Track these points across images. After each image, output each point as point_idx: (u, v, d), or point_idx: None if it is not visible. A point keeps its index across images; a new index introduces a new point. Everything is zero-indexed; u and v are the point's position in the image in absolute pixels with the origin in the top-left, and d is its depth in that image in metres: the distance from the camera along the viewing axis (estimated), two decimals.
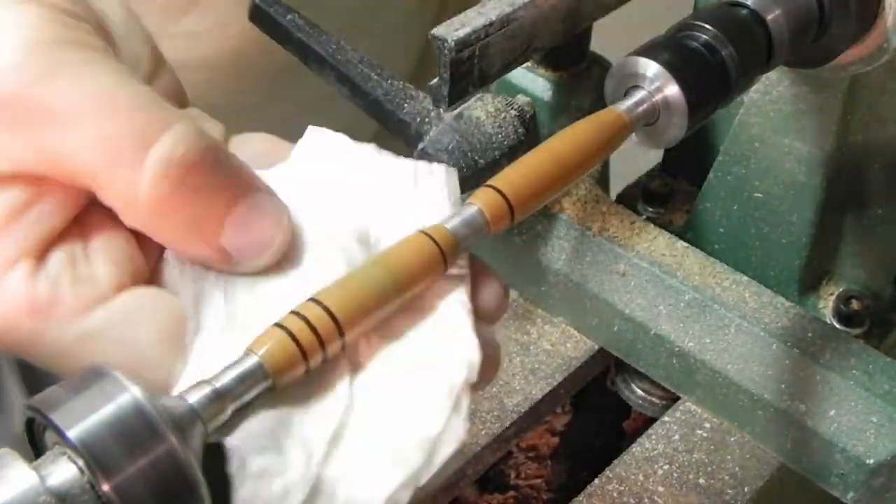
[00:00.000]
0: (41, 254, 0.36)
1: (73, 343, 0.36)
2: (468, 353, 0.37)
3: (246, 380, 0.34)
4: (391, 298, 0.37)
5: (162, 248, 0.38)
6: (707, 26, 0.45)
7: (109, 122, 0.35)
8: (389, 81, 0.59)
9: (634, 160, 0.72)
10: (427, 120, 0.58)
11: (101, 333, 0.36)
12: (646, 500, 0.60)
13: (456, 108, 0.57)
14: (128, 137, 0.35)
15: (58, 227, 0.36)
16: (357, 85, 0.59)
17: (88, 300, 0.36)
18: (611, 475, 0.61)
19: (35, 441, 0.34)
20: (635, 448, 0.62)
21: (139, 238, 0.38)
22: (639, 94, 0.44)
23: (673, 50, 0.45)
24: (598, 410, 0.75)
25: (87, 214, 0.37)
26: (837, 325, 0.65)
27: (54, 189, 0.36)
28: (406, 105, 0.58)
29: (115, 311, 0.36)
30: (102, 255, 0.37)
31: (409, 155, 0.57)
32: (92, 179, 0.36)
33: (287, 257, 0.38)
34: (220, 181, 0.37)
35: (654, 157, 0.74)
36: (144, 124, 0.35)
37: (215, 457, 0.35)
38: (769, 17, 0.47)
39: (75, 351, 0.36)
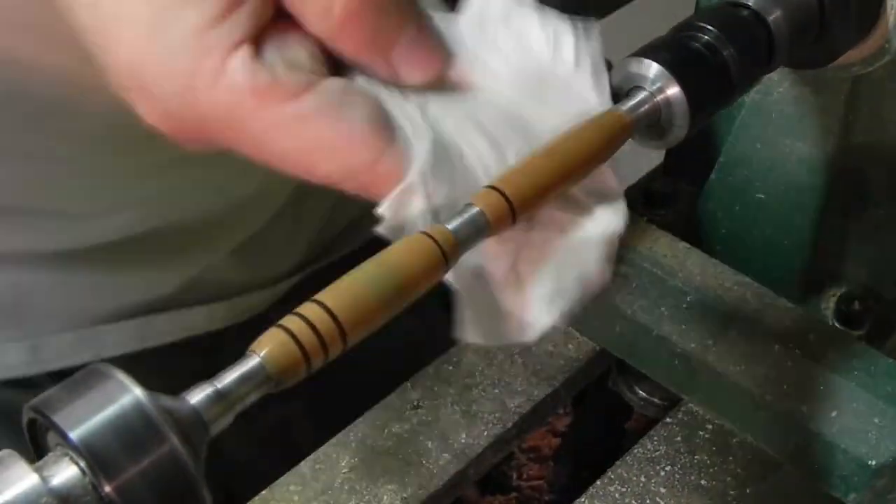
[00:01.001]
0: (257, 41, 0.39)
1: (291, 123, 0.38)
2: (617, 209, 0.43)
3: (247, 381, 0.34)
4: (392, 299, 0.37)
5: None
6: (708, 27, 0.45)
7: None
8: None
9: (636, 161, 0.72)
10: None
11: (317, 113, 0.39)
12: (648, 502, 0.60)
13: None
14: None
15: (267, 18, 0.39)
16: None
17: (302, 83, 0.39)
18: (612, 476, 0.61)
19: (37, 442, 0.34)
20: (637, 449, 0.62)
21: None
22: (640, 95, 0.44)
23: (674, 50, 0.45)
24: (599, 412, 0.75)
25: (280, 21, 0.40)
26: (839, 327, 0.65)
27: None
28: None
29: (327, 92, 0.39)
30: (304, 49, 0.40)
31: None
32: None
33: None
34: (398, 5, 0.40)
35: (655, 158, 0.74)
36: None
37: (216, 458, 0.35)
38: (770, 18, 0.47)
39: (293, 131, 0.38)
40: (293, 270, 0.83)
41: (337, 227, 0.86)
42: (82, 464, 0.32)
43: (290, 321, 0.35)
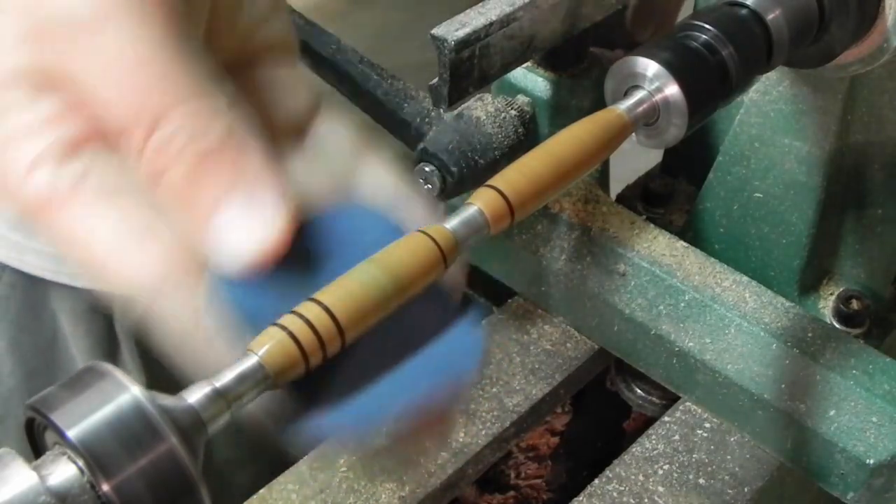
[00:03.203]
0: (72, 151, 0.39)
1: (83, 231, 0.38)
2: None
3: (246, 380, 0.34)
4: (391, 298, 0.37)
5: None
6: (707, 26, 0.45)
7: (132, 81, 0.38)
8: (389, 81, 0.59)
9: (634, 160, 0.72)
10: (427, 120, 0.58)
11: (111, 227, 0.38)
12: (646, 501, 0.60)
13: (456, 108, 0.57)
14: (140, 104, 0.37)
15: (84, 135, 0.39)
16: (357, 85, 0.59)
17: (105, 196, 0.38)
18: (611, 475, 0.61)
19: (35, 441, 0.34)
20: (635, 448, 0.62)
21: None
22: (639, 94, 0.44)
23: (673, 50, 0.45)
24: (598, 410, 0.75)
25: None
26: (837, 325, 0.65)
27: (82, 108, 0.39)
28: (406, 105, 0.59)
29: (129, 208, 0.38)
30: (120, 167, 0.39)
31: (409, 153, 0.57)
32: (114, 122, 0.38)
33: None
34: (222, 168, 0.38)
35: (654, 157, 0.74)
36: (162, 93, 0.37)
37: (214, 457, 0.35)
38: (769, 17, 0.47)
39: (82, 242, 0.38)
40: None
41: None
42: (80, 463, 0.32)
43: (288, 320, 0.35)
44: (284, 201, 0.38)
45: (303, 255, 0.38)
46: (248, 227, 0.37)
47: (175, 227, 0.38)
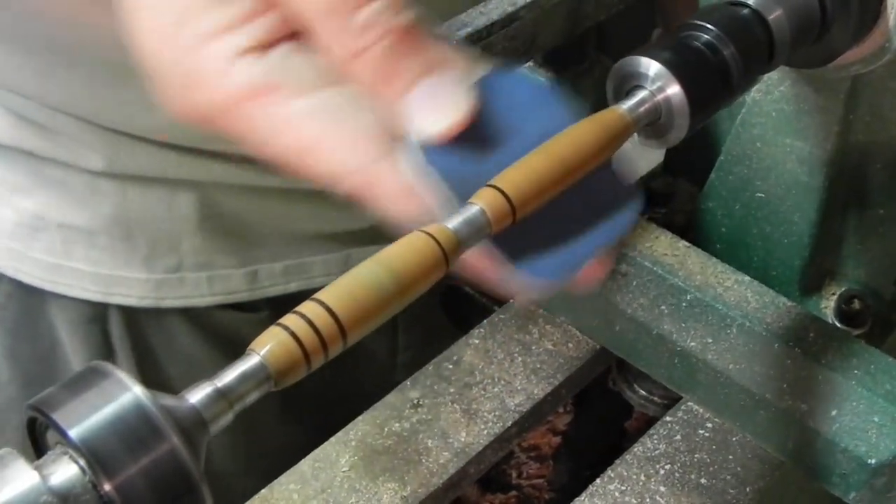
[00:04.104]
0: (268, 49, 0.41)
1: (287, 122, 0.40)
2: None
3: (248, 379, 0.34)
4: (393, 298, 0.37)
5: None
6: (709, 26, 0.45)
7: None
8: None
9: (636, 160, 0.72)
10: None
11: (313, 115, 0.40)
12: (647, 500, 0.60)
13: None
14: None
15: (283, 33, 0.41)
16: None
17: (302, 87, 0.40)
18: (612, 475, 0.61)
19: (37, 441, 0.34)
20: (637, 448, 0.62)
21: None
22: (640, 94, 0.44)
23: (675, 49, 0.45)
24: (599, 410, 0.75)
25: (302, 36, 0.41)
26: (839, 325, 0.65)
27: (277, 6, 0.41)
28: None
29: (327, 98, 0.40)
30: (313, 62, 0.41)
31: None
32: (309, 20, 0.40)
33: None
34: (417, 51, 0.40)
35: (655, 156, 0.74)
36: None
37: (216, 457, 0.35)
38: (771, 17, 0.47)
39: (288, 130, 0.40)
40: None
41: None
42: (82, 462, 0.32)
43: (290, 320, 0.35)
44: (470, 78, 0.41)
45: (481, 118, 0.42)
46: (442, 103, 0.40)
47: (371, 107, 0.40)
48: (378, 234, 0.82)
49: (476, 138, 0.41)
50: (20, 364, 0.83)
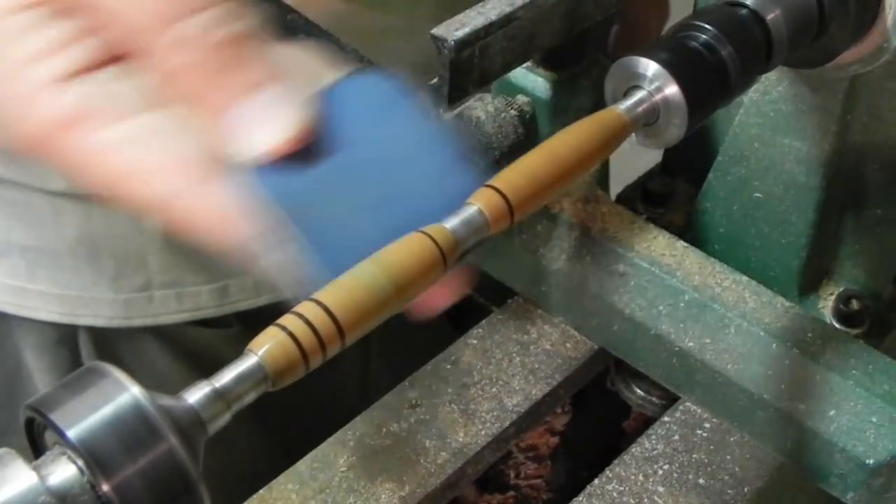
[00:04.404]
0: (85, 72, 0.39)
1: (102, 149, 0.39)
2: None
3: (245, 380, 0.34)
4: (390, 298, 0.37)
5: None
6: (707, 26, 0.45)
7: None
8: None
9: (634, 160, 0.72)
10: None
11: (129, 141, 0.39)
12: (646, 500, 0.60)
13: (456, 108, 0.57)
14: (154, 11, 0.38)
15: (97, 59, 0.40)
16: None
17: (116, 114, 0.39)
18: (610, 475, 0.61)
19: (35, 441, 0.34)
20: (635, 448, 0.62)
21: None
22: (638, 94, 0.44)
23: (673, 50, 0.45)
24: (597, 410, 0.75)
25: (119, 56, 0.40)
26: (837, 325, 0.65)
27: (98, 30, 0.39)
28: None
29: (147, 121, 0.39)
30: (132, 85, 0.40)
31: None
32: (130, 39, 0.39)
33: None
34: (245, 64, 0.39)
35: (653, 157, 0.74)
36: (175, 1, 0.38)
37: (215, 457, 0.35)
38: (769, 17, 0.47)
39: (104, 157, 0.39)
40: None
41: None
42: (80, 463, 0.32)
43: (288, 320, 0.35)
44: (307, 90, 0.40)
45: (318, 130, 0.39)
46: (268, 120, 0.38)
47: (195, 130, 0.39)
48: None
49: (317, 152, 0.39)
50: None
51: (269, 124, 0.38)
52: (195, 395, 0.34)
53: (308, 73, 0.40)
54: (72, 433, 0.31)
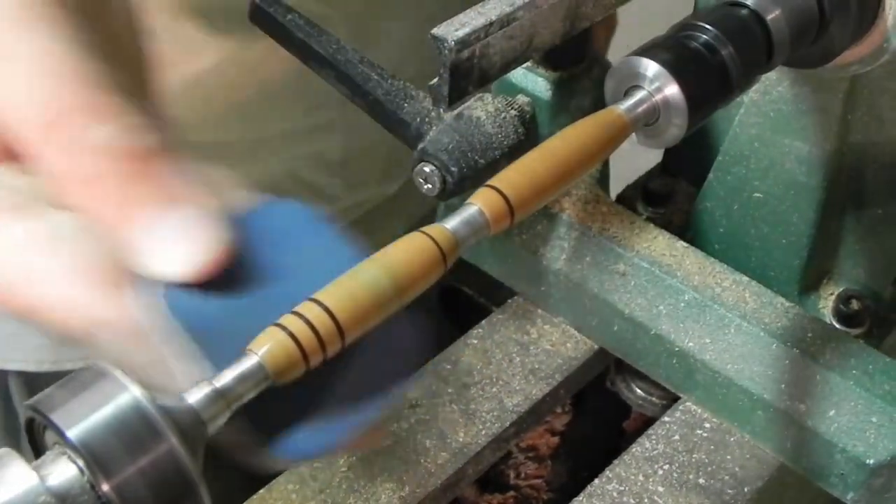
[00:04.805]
0: None
1: None
2: None
3: (246, 380, 0.34)
4: (391, 298, 0.37)
5: None
6: (707, 26, 0.45)
7: (57, 87, 0.35)
8: (389, 81, 0.59)
9: (634, 160, 0.72)
10: (427, 120, 0.58)
11: (26, 244, 0.35)
12: (646, 500, 0.60)
13: (456, 108, 0.57)
14: (70, 109, 0.35)
15: None
16: (357, 85, 0.59)
17: (17, 213, 0.36)
18: (611, 475, 0.61)
19: (35, 441, 0.34)
20: (635, 448, 0.62)
21: None
22: (639, 94, 0.44)
23: (673, 50, 0.45)
24: (598, 410, 0.75)
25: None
26: (837, 325, 0.65)
27: None
28: (406, 105, 0.58)
29: (45, 224, 0.36)
30: (37, 184, 0.36)
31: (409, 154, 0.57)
32: (26, 139, 0.35)
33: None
34: (160, 179, 0.35)
35: (654, 157, 0.74)
36: (93, 103, 0.35)
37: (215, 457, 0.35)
38: (769, 17, 0.47)
39: None
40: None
41: None
42: (80, 463, 0.32)
43: (288, 320, 0.35)
44: (224, 212, 0.36)
45: (233, 255, 0.36)
46: (184, 240, 0.35)
47: (97, 237, 0.35)
48: None
49: (232, 279, 0.36)
50: None
51: (184, 244, 0.35)
52: (195, 395, 0.34)
53: (220, 196, 0.37)
54: (72, 433, 0.31)
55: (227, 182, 0.39)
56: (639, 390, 0.69)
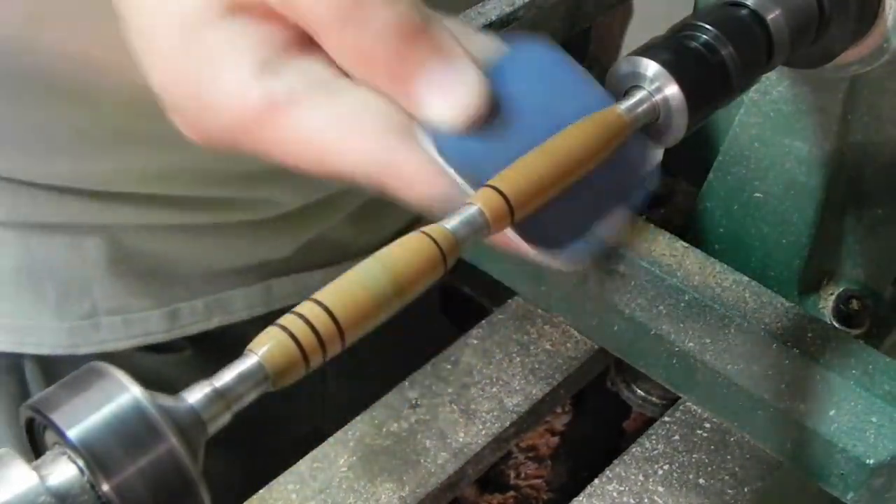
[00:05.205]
0: (278, 59, 0.41)
1: (308, 130, 0.40)
2: None
3: (246, 380, 0.34)
4: (391, 298, 0.37)
5: None
6: (707, 26, 0.45)
7: None
8: None
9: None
10: None
11: (334, 120, 0.40)
12: (646, 500, 0.60)
13: None
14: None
15: (287, 40, 0.41)
16: None
17: (315, 94, 0.41)
18: (611, 475, 0.61)
19: (35, 441, 0.34)
20: (635, 448, 0.62)
21: None
22: (639, 94, 0.44)
23: (673, 50, 0.45)
24: (598, 410, 0.75)
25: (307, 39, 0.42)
26: (837, 325, 0.65)
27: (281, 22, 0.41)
28: None
29: (345, 99, 0.40)
30: (323, 64, 0.41)
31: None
32: (314, 24, 0.40)
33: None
34: (419, 37, 0.40)
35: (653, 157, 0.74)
36: None
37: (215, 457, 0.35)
38: (769, 17, 0.47)
39: (311, 138, 0.40)
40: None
41: None
42: (80, 463, 0.32)
43: (288, 320, 0.35)
44: (485, 60, 0.41)
45: (496, 100, 0.41)
46: (452, 90, 0.40)
47: (387, 101, 0.41)
48: (298, 263, 0.82)
49: (493, 121, 0.41)
50: None
51: (453, 95, 0.40)
52: (195, 395, 0.34)
53: (476, 44, 0.42)
54: (72, 433, 0.31)
55: (473, 28, 0.44)
56: (639, 390, 0.69)
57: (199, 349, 0.81)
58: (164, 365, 0.81)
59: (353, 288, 0.36)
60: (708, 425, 0.63)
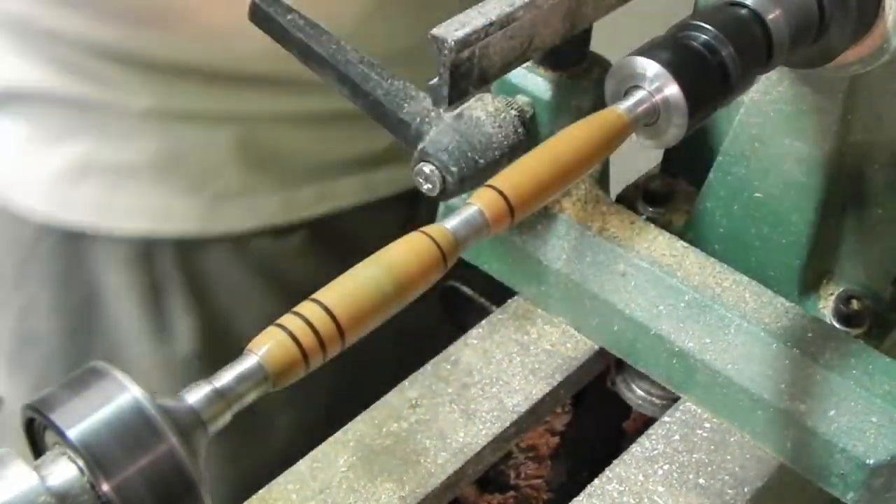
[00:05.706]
0: None
1: None
2: None
3: (245, 380, 0.34)
4: (390, 298, 0.37)
5: None
6: (707, 26, 0.45)
7: None
8: (389, 81, 0.59)
9: (634, 160, 0.72)
10: (427, 120, 0.58)
11: None
12: (646, 500, 0.60)
13: (456, 108, 0.57)
14: None
15: None
16: (357, 85, 0.59)
17: None
18: (611, 475, 0.61)
19: (35, 441, 0.34)
20: (635, 448, 0.62)
21: None
22: (639, 94, 0.44)
23: (673, 50, 0.45)
24: (598, 410, 0.75)
25: None
26: (837, 325, 0.65)
27: None
28: (406, 105, 0.58)
29: None
30: None
31: (410, 154, 0.57)
32: None
33: None
34: None
35: (654, 157, 0.74)
36: None
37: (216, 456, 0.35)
38: (769, 17, 0.47)
39: None
40: None
41: None
42: (80, 463, 0.32)
43: (288, 320, 0.35)
44: None
45: None
46: None
47: None
48: (395, 155, 0.88)
49: None
50: (64, 315, 0.86)
51: None
52: (195, 395, 0.34)
53: None
54: (72, 433, 0.32)
55: None
56: (639, 390, 0.69)
57: (310, 237, 0.87)
58: (281, 250, 0.87)
59: (353, 287, 0.36)
60: (708, 425, 0.63)
